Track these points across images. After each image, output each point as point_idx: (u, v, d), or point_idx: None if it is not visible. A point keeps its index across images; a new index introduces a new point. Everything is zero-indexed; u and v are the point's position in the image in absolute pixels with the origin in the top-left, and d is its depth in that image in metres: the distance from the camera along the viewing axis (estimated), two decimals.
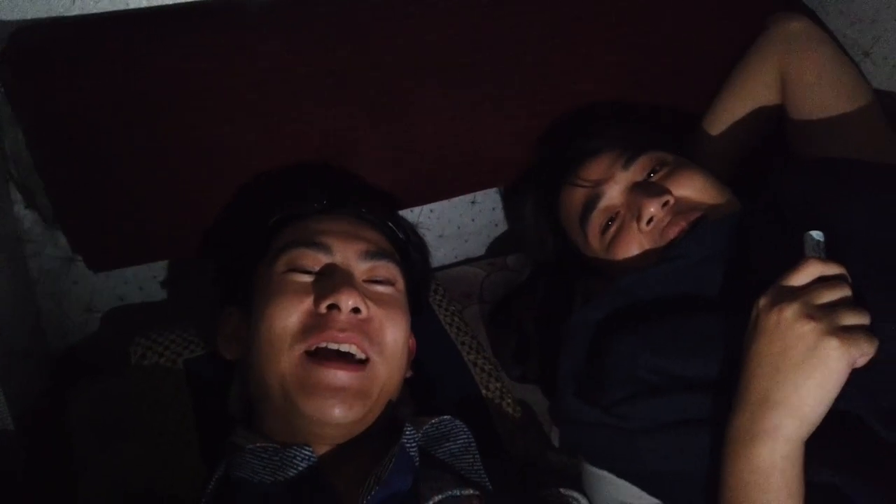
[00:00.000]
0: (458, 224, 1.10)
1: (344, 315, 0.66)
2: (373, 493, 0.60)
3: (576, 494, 0.69)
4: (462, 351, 0.89)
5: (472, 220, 1.11)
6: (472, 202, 1.09)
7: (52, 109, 0.76)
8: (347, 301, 0.66)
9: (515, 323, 0.92)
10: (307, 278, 0.69)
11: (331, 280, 0.68)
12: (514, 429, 0.83)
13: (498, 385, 0.87)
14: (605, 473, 0.74)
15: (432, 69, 0.87)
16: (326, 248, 0.71)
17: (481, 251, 1.14)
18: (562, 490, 0.69)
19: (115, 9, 0.80)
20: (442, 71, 0.88)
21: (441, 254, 1.11)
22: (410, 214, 1.04)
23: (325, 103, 0.85)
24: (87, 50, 0.76)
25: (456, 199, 1.07)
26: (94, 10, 0.79)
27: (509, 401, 0.86)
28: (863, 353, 0.55)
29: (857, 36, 0.93)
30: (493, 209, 1.11)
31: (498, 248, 1.14)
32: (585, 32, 0.92)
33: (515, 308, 0.94)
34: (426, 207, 1.06)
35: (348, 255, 0.71)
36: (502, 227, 1.13)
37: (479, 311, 0.99)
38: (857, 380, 0.57)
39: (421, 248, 0.84)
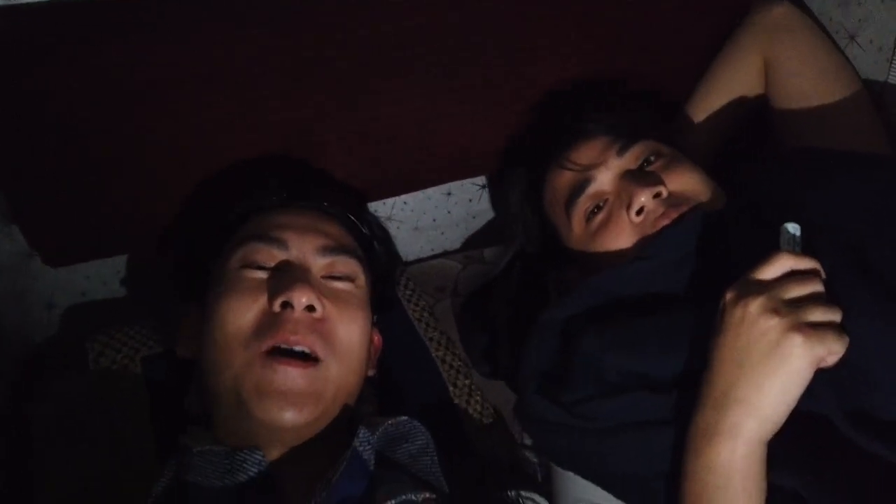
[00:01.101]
0: (434, 216, 1.07)
1: (297, 313, 0.64)
2: (321, 497, 0.58)
3: (536, 497, 0.67)
4: (431, 347, 0.87)
5: (448, 212, 1.08)
6: (448, 194, 1.06)
7: (3, 101, 0.74)
8: (301, 298, 0.63)
9: (487, 318, 0.90)
10: (262, 275, 0.67)
11: (285, 277, 0.66)
12: (482, 426, 0.81)
13: (467, 382, 0.85)
14: (571, 474, 0.72)
15: (399, 57, 0.85)
16: (282, 243, 0.68)
17: (457, 244, 1.12)
18: (522, 493, 0.67)
19: None
20: (409, 59, 0.86)
21: (416, 247, 1.08)
22: (383, 207, 1.02)
23: (290, 95, 0.83)
24: (38, 40, 0.74)
25: (431, 191, 1.04)
26: None
27: (478, 398, 0.84)
28: (830, 350, 0.53)
29: (843, 19, 0.90)
30: (470, 201, 1.08)
31: (475, 240, 1.11)
32: (560, 19, 0.90)
33: (488, 302, 0.92)
34: (400, 199, 1.04)
35: (305, 250, 0.69)
36: (479, 219, 1.10)
37: (452, 304, 0.97)
38: (828, 379, 0.55)
39: (386, 241, 0.81)
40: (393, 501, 0.59)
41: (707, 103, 0.94)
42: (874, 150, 0.82)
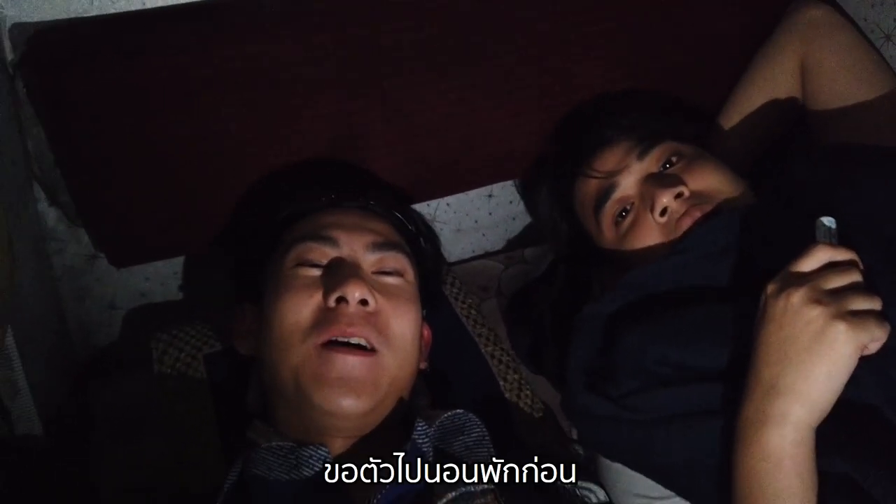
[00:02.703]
0: (476, 218, 1.10)
1: (352, 307, 0.66)
2: (385, 490, 0.60)
3: (593, 486, 0.69)
4: (479, 343, 0.89)
5: (490, 213, 1.10)
6: (489, 195, 1.09)
7: (72, 109, 0.78)
8: (354, 293, 0.66)
9: (533, 315, 0.92)
10: (316, 272, 0.70)
11: (338, 273, 0.68)
12: (533, 420, 0.83)
13: (516, 377, 0.87)
14: (620, 466, 0.74)
15: (442, 61, 0.87)
16: (333, 242, 0.71)
17: (499, 245, 1.14)
18: (579, 482, 0.69)
19: (132, 8, 0.81)
20: (451, 62, 0.88)
21: (458, 248, 1.11)
22: (427, 209, 1.04)
23: (336, 97, 0.86)
24: (105, 49, 0.77)
25: (472, 193, 1.07)
26: (113, 10, 0.81)
27: (528, 392, 0.85)
28: (873, 337, 0.54)
29: (878, 18, 0.91)
30: (511, 202, 1.10)
31: (516, 241, 1.13)
32: (597, 21, 0.91)
33: (533, 300, 0.94)
34: (443, 201, 1.06)
35: (356, 247, 0.71)
36: (520, 220, 1.12)
37: (498, 304, 0.99)
38: (873, 368, 0.56)
39: (432, 238, 0.84)
40: (453, 493, 0.60)
41: (745, 103, 0.95)
42: None
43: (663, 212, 0.77)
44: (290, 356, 0.66)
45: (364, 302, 0.67)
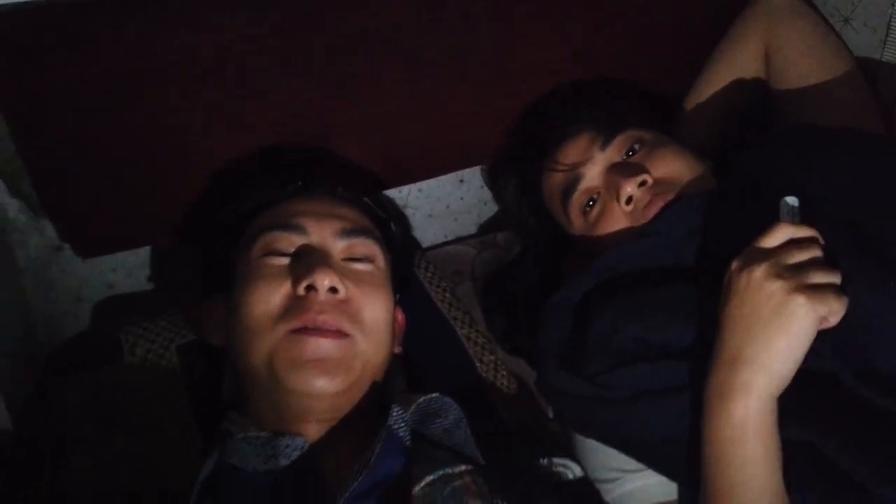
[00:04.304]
0: (447, 203, 1.10)
1: (322, 296, 0.66)
2: (361, 477, 0.60)
3: (570, 463, 0.70)
4: (455, 325, 0.89)
5: (461, 198, 1.11)
6: (461, 180, 1.09)
7: (34, 97, 0.76)
8: (323, 281, 0.66)
9: (508, 298, 0.93)
10: (284, 261, 0.69)
11: (307, 261, 0.68)
12: (509, 400, 0.84)
13: (492, 358, 0.87)
14: (594, 442, 0.75)
15: (407, 44, 0.87)
16: (301, 229, 0.71)
17: (471, 229, 1.14)
18: (555, 459, 0.70)
19: None
20: (416, 46, 0.88)
21: (431, 233, 1.11)
22: (398, 195, 1.04)
23: (302, 85, 0.85)
24: (67, 36, 0.75)
25: (444, 178, 1.07)
26: None
27: (504, 373, 0.86)
28: (831, 310, 0.56)
29: (837, 2, 0.93)
30: (482, 187, 1.11)
31: (488, 225, 1.14)
32: (562, 7, 0.92)
33: (507, 283, 0.95)
34: (414, 187, 1.06)
35: (324, 234, 0.71)
36: (491, 204, 1.13)
37: (472, 287, 1.00)
38: (832, 340, 0.58)
39: (402, 221, 0.84)
40: (431, 476, 0.61)
41: (710, 87, 0.96)
42: (870, 128, 0.86)
43: (629, 200, 0.78)
44: (261, 343, 0.66)
45: (334, 290, 0.66)
